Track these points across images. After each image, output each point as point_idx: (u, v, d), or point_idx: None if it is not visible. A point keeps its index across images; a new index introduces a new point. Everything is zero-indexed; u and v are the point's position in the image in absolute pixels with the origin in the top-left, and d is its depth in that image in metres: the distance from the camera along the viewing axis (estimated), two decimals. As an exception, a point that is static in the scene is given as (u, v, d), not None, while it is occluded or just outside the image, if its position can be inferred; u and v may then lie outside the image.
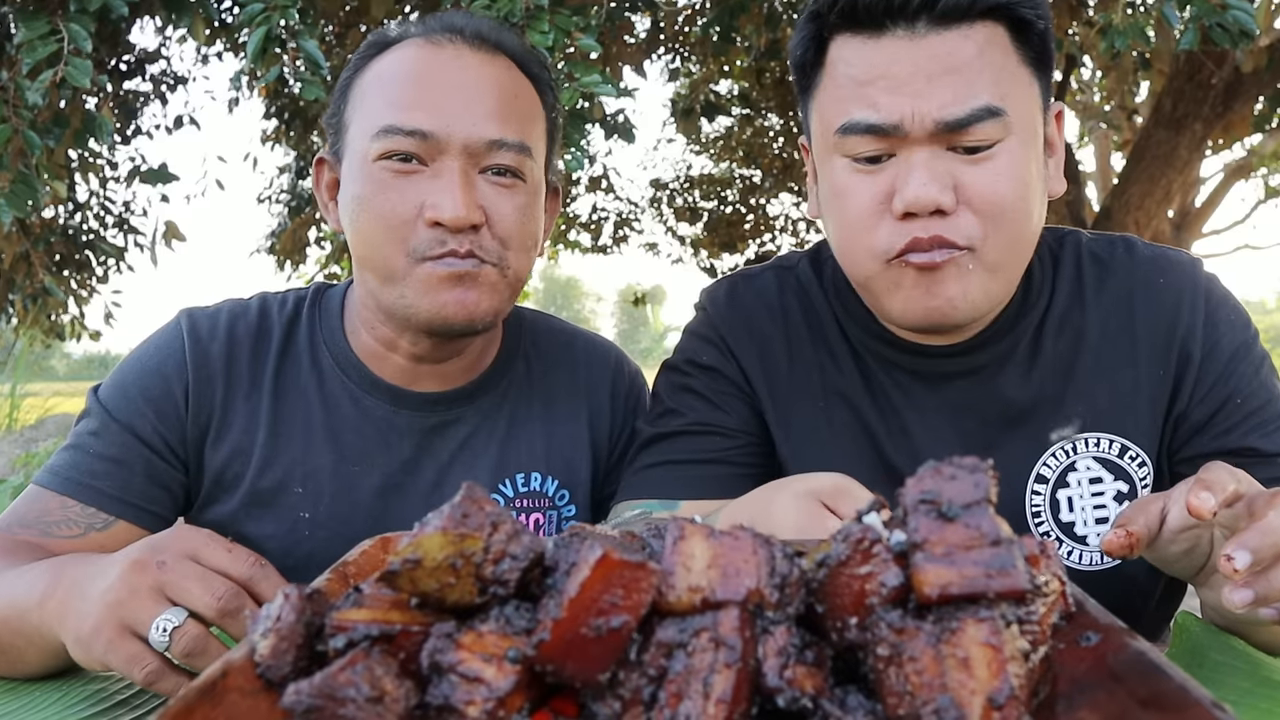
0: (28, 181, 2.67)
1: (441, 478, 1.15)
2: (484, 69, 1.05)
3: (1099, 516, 1.06)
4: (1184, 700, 0.42)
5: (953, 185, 0.95)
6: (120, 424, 1.07)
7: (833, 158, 1.02)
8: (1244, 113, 5.15)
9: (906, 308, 1.00)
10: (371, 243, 1.03)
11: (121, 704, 0.80)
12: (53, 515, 1.03)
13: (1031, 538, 0.53)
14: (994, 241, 0.97)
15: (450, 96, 1.02)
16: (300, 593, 0.50)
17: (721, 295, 1.22)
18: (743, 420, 1.15)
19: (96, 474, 1.05)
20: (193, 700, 0.44)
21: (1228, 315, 1.07)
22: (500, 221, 1.04)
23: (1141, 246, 1.12)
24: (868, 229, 0.99)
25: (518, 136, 1.04)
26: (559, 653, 0.43)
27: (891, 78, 0.95)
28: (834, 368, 1.14)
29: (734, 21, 3.67)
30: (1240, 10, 2.31)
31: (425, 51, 1.05)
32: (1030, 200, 0.98)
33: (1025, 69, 0.99)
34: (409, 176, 1.01)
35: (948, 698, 0.41)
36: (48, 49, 2.36)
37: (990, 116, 0.94)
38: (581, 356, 1.27)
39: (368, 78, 1.07)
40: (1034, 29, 0.99)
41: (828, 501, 0.83)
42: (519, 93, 1.07)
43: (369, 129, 1.03)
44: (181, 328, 1.13)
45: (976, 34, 0.96)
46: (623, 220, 9.98)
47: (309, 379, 1.14)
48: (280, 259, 6.80)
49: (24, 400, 7.69)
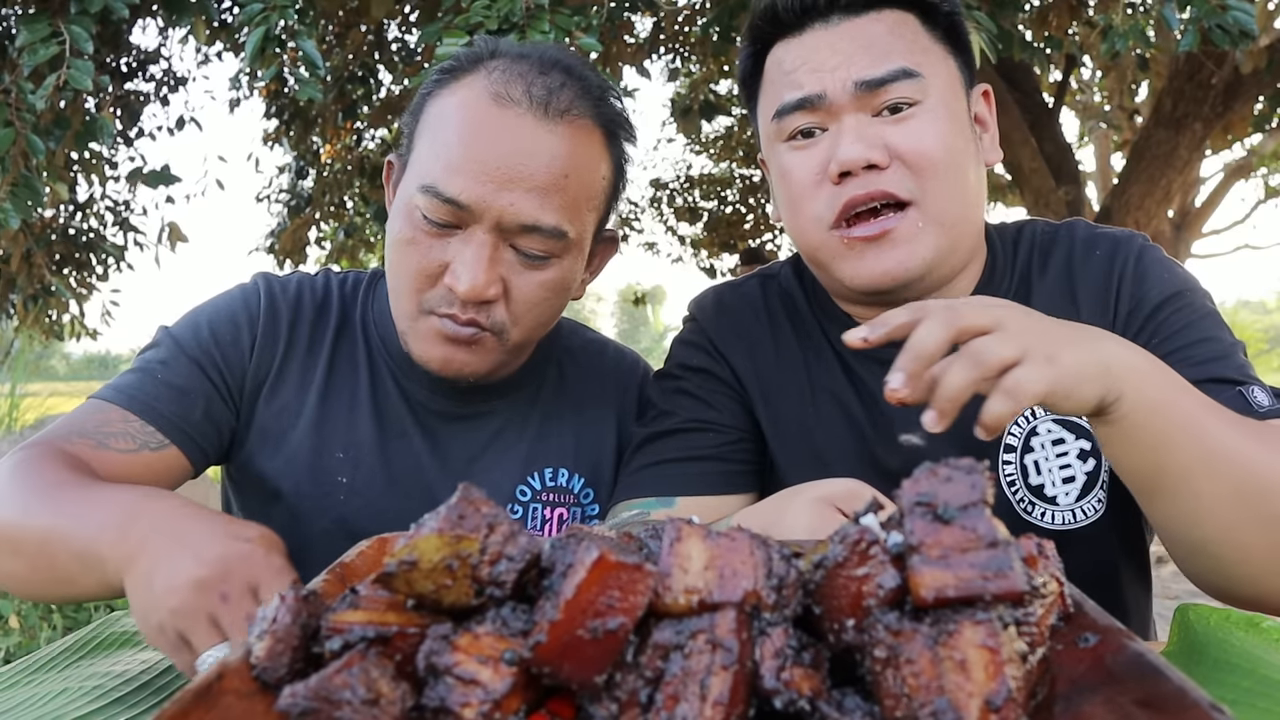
0: (30, 184, 2.68)
1: (471, 466, 1.20)
2: (543, 141, 1.02)
3: (1065, 476, 1.09)
4: (1182, 702, 0.42)
5: (882, 144, 1.02)
6: (189, 358, 1.13)
7: (775, 147, 1.11)
8: (1244, 113, 5.15)
9: (857, 273, 1.06)
10: (395, 285, 1.10)
11: (119, 702, 0.81)
12: (113, 426, 1.07)
13: (1029, 539, 0.53)
14: (934, 194, 1.03)
15: (496, 168, 1.01)
16: (296, 594, 0.50)
17: (709, 303, 1.27)
18: (735, 417, 1.18)
19: (160, 398, 1.10)
20: (189, 703, 0.44)
21: (1159, 273, 1.10)
22: (518, 297, 1.06)
23: (1083, 227, 1.18)
24: (809, 199, 1.07)
25: (555, 222, 1.03)
26: (556, 655, 0.43)
27: (813, 60, 1.06)
28: (819, 364, 1.18)
29: (734, 21, 3.67)
30: (1240, 11, 2.31)
31: (488, 110, 1.02)
32: (960, 159, 1.05)
33: (938, 45, 1.08)
34: (442, 237, 1.04)
35: (945, 700, 0.41)
36: (49, 51, 2.36)
37: (906, 77, 1.03)
38: (612, 365, 1.33)
39: (434, 110, 1.08)
40: (939, 10, 1.09)
41: (841, 506, 0.84)
42: (572, 170, 1.04)
43: (419, 175, 1.04)
44: (259, 286, 1.21)
45: (885, 18, 1.07)
46: (623, 220, 9.98)
47: (360, 354, 1.21)
48: (280, 259, 6.80)
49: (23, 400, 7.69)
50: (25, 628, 3.55)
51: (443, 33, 2.25)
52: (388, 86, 5.32)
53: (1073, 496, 1.09)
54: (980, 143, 1.12)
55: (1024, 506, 1.09)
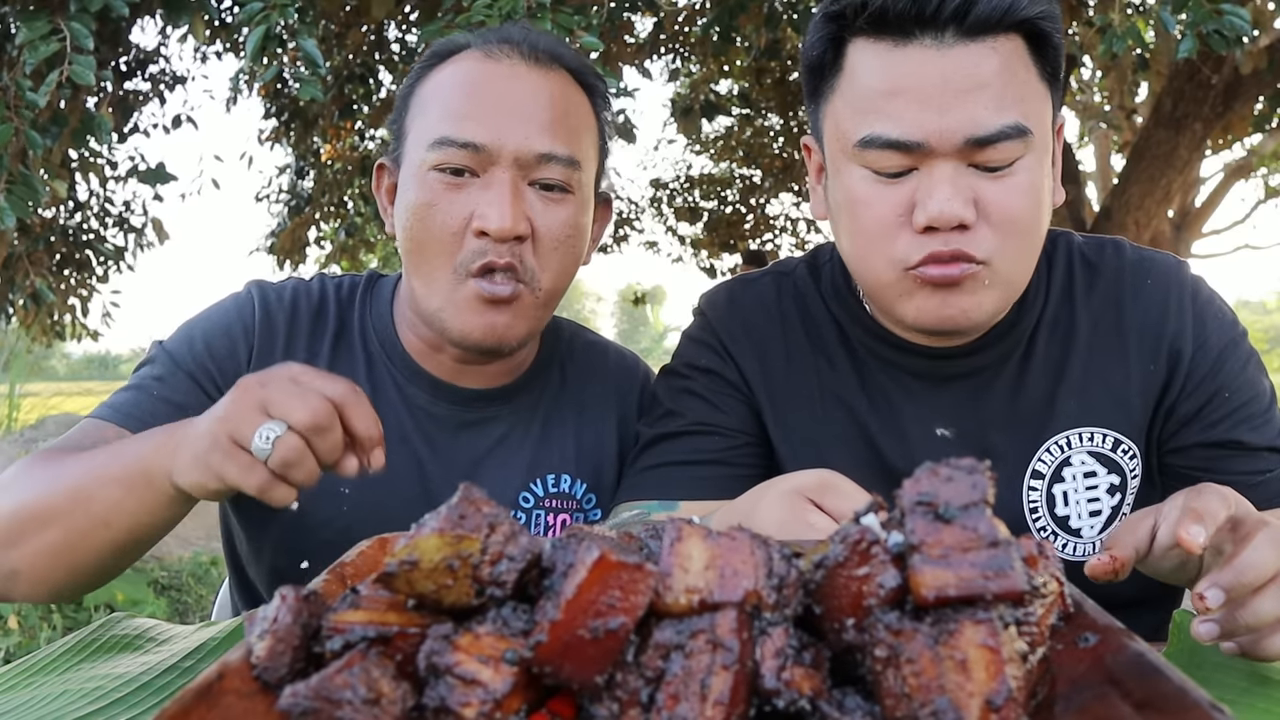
0: (28, 182, 2.67)
1: (474, 472, 1.19)
2: (538, 82, 1.08)
3: (1093, 510, 1.08)
4: (1183, 701, 0.42)
5: (974, 200, 0.94)
6: (185, 373, 1.12)
7: (850, 166, 1.00)
8: (1244, 113, 5.15)
9: (920, 316, 1.00)
10: (423, 252, 1.08)
11: (119, 702, 0.80)
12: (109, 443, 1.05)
13: (1029, 538, 0.53)
14: (1008, 255, 0.97)
15: (503, 109, 1.05)
16: (297, 594, 0.50)
17: (720, 300, 1.23)
18: (741, 421, 1.16)
19: (157, 415, 1.08)
20: (189, 702, 0.44)
21: (1215, 313, 1.10)
22: (545, 234, 1.07)
23: (1129, 249, 1.14)
24: (887, 239, 0.98)
25: (568, 150, 1.07)
26: (556, 654, 0.43)
27: (917, 91, 0.93)
28: (830, 371, 1.15)
29: (734, 21, 3.67)
30: (1235, 16, 2.32)
31: (482, 65, 1.08)
32: (1043, 215, 1.00)
33: (1043, 84, 0.98)
34: (460, 189, 1.05)
35: (946, 699, 0.41)
36: (50, 48, 2.36)
37: (1017, 135, 0.93)
38: (614, 368, 1.32)
39: (427, 88, 1.11)
40: (1051, 42, 0.98)
41: (813, 497, 0.83)
42: (570, 107, 1.10)
43: (425, 139, 1.06)
44: (253, 295, 1.19)
45: (1001, 47, 0.94)
46: (623, 220, 9.98)
47: (359, 360, 1.19)
48: (280, 259, 6.79)
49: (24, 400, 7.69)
50: (25, 628, 3.55)
51: (443, 32, 2.25)
52: (388, 86, 5.32)
53: (1096, 530, 1.08)
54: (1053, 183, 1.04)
55: (1045, 536, 1.08)
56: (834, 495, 0.82)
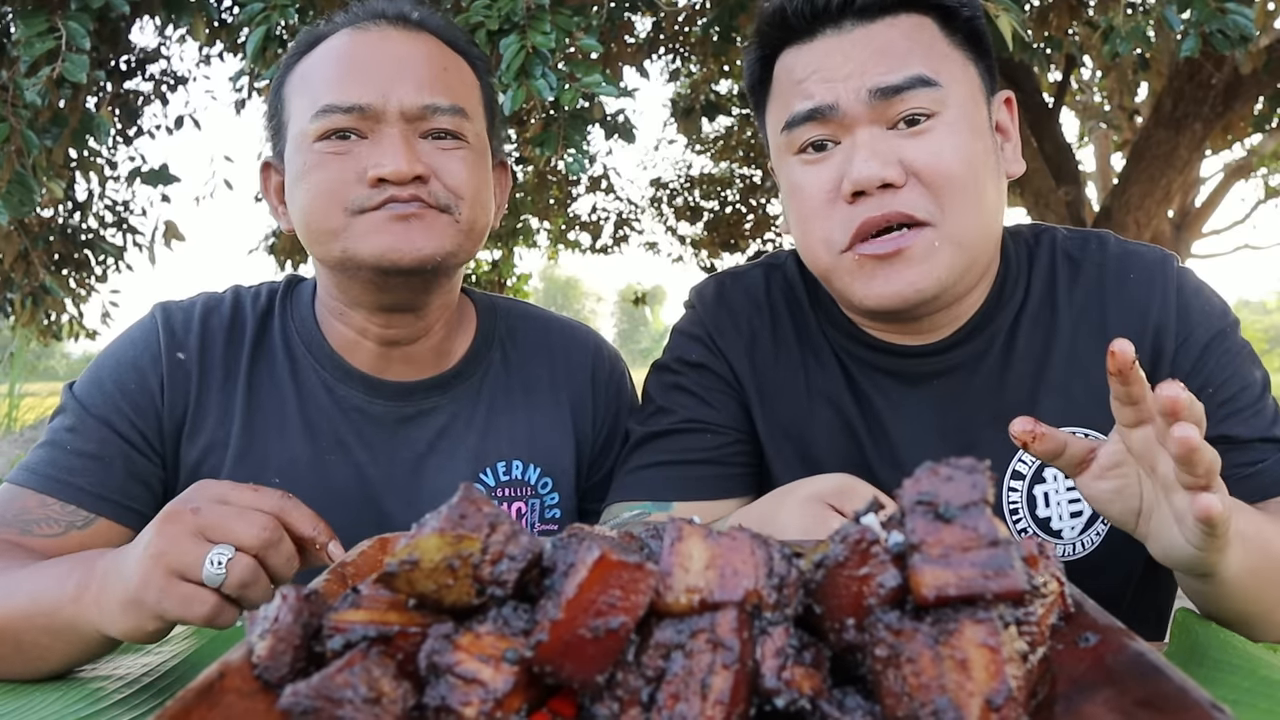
0: (24, 182, 2.67)
1: (419, 467, 1.15)
2: (412, 45, 1.08)
3: (1074, 511, 1.07)
4: (1183, 701, 0.42)
5: (897, 161, 0.97)
6: (97, 419, 1.07)
7: (785, 159, 1.06)
8: (1244, 113, 5.15)
9: (869, 295, 1.01)
10: (311, 211, 1.04)
11: (120, 703, 0.80)
12: (32, 514, 1.01)
13: (1030, 538, 0.53)
14: (952, 214, 0.98)
15: (382, 71, 1.05)
16: (298, 594, 0.50)
17: (710, 293, 1.23)
18: (732, 417, 1.16)
19: (75, 470, 1.04)
20: (191, 702, 0.44)
21: (1201, 306, 1.08)
22: (447, 176, 1.05)
23: (1114, 242, 1.13)
24: (822, 218, 1.02)
25: (451, 100, 1.06)
26: (557, 654, 0.43)
27: (826, 68, 1.01)
28: (818, 367, 1.15)
29: (734, 21, 3.67)
30: (1239, 15, 2.31)
31: (353, 37, 1.08)
32: (980, 174, 1.00)
33: (957, 51, 1.03)
34: (349, 149, 1.04)
35: (946, 699, 0.41)
36: (45, 45, 2.36)
37: (923, 85, 0.98)
38: (559, 343, 1.27)
39: (299, 73, 1.10)
40: (959, 15, 1.03)
41: (833, 502, 0.83)
42: (448, 65, 1.10)
43: (307, 112, 1.05)
44: (156, 321, 1.14)
45: (901, 23, 1.01)
46: (623, 220, 9.98)
47: (283, 370, 1.14)
48: (280, 258, 6.79)
49: (23, 400, 7.69)
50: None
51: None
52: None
53: (1077, 531, 1.07)
54: (1001, 153, 1.07)
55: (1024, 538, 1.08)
56: (854, 499, 0.82)
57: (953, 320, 1.09)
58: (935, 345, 1.10)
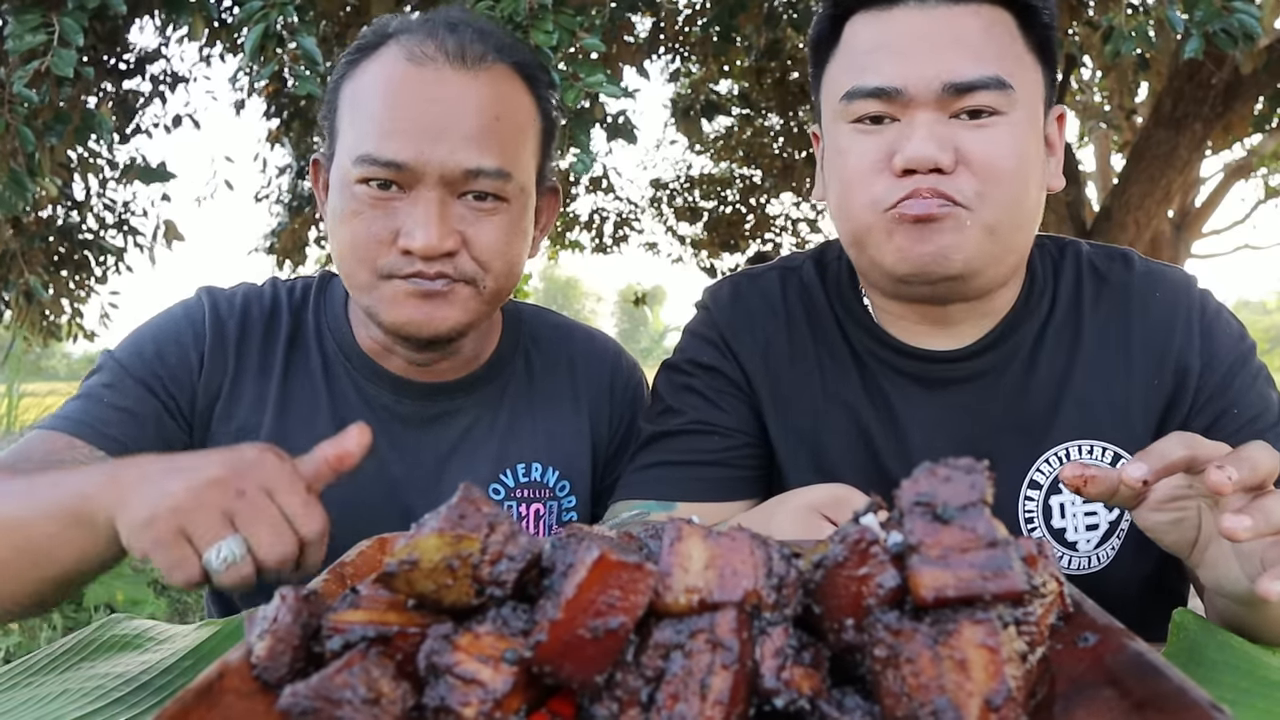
0: (19, 180, 2.66)
1: (442, 467, 1.17)
2: (465, 88, 1.04)
3: (1089, 523, 1.07)
4: (1183, 701, 0.42)
5: (953, 147, 0.97)
6: (135, 379, 1.09)
7: (837, 124, 1.04)
8: (1244, 113, 5.15)
9: (899, 257, 1.00)
10: (344, 260, 1.06)
11: (119, 703, 0.80)
12: (60, 455, 1.02)
13: (1029, 538, 0.53)
14: (991, 203, 0.98)
15: (427, 123, 1.02)
16: (297, 594, 0.50)
17: (724, 295, 1.21)
18: (742, 420, 1.15)
19: (109, 421, 1.05)
20: (190, 702, 0.44)
21: (1223, 329, 1.09)
22: (478, 245, 1.05)
23: (1139, 262, 1.13)
24: (867, 183, 1.01)
25: (496, 163, 1.03)
26: (556, 654, 0.43)
27: (898, 45, 0.98)
28: (834, 370, 1.14)
29: (734, 21, 3.67)
30: (1245, 14, 2.29)
31: (406, 71, 1.04)
32: (1028, 174, 1.00)
33: (1030, 55, 1.02)
34: (387, 203, 1.03)
35: (945, 699, 0.41)
36: (37, 39, 2.35)
37: (997, 86, 0.96)
38: (581, 351, 1.29)
39: (354, 85, 1.08)
40: (1039, 19, 1.01)
41: (827, 513, 0.83)
42: (503, 110, 1.06)
43: (350, 152, 1.04)
44: (203, 302, 1.16)
45: (984, 13, 0.99)
46: (623, 220, 9.97)
47: (316, 365, 1.17)
48: (280, 259, 6.80)
49: (22, 400, 7.68)
50: (25, 628, 3.55)
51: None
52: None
53: (1093, 544, 1.07)
54: (1046, 166, 1.06)
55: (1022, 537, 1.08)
56: (847, 510, 0.82)
57: (978, 322, 1.09)
58: (960, 351, 1.09)
